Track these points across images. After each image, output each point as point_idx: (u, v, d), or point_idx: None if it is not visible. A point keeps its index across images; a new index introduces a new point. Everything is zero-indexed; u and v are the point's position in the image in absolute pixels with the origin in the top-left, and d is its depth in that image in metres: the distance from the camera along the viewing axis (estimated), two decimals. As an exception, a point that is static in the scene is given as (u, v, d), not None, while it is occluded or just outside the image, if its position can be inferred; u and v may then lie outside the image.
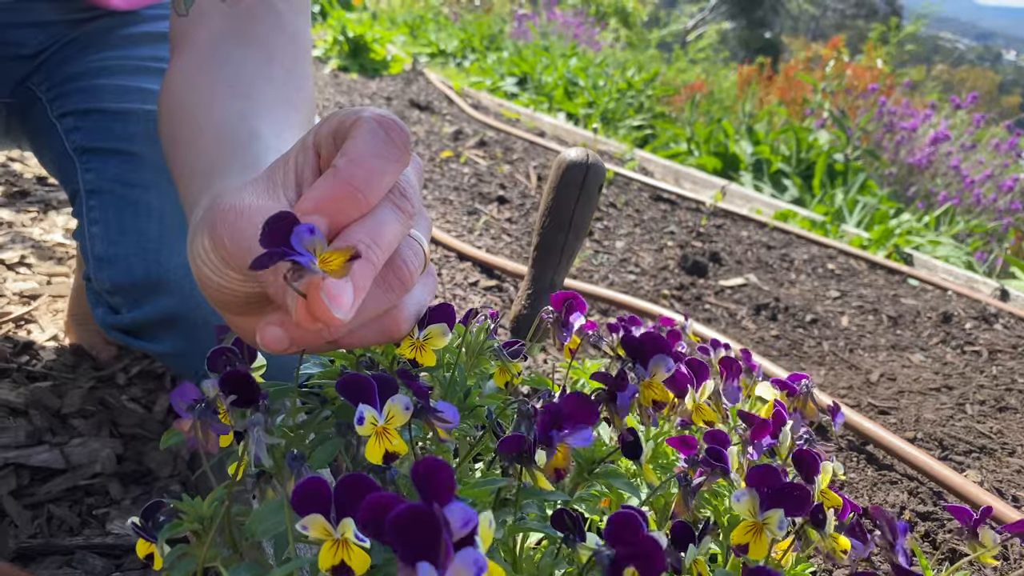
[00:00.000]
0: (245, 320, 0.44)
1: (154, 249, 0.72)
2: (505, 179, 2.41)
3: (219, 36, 0.67)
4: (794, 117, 4.95)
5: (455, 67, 7.36)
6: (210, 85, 0.62)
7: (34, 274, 1.52)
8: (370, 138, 0.39)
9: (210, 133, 0.57)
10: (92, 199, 0.78)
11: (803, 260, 2.08)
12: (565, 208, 0.79)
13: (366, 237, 0.37)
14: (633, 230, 2.10)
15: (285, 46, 0.67)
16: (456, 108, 3.71)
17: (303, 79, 0.67)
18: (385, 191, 0.39)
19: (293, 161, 0.43)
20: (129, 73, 0.89)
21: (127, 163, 0.78)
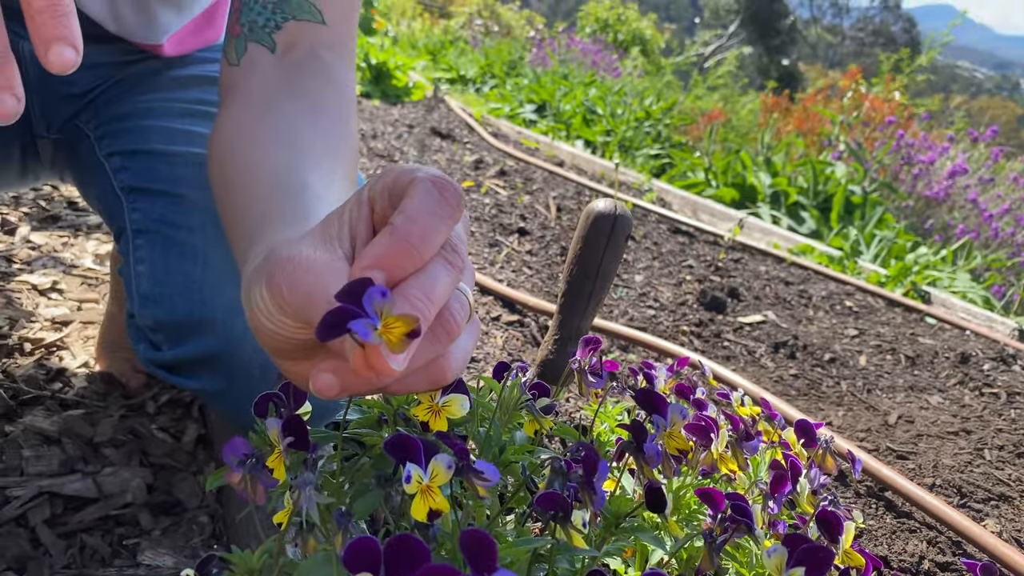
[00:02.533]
0: (296, 365, 0.46)
1: (198, 289, 0.75)
2: (525, 210, 2.43)
3: (269, 87, 0.70)
4: (812, 148, 4.96)
5: (474, 92, 7.43)
6: (261, 135, 0.65)
7: (65, 300, 1.56)
8: (426, 197, 0.41)
9: (262, 182, 0.60)
10: (139, 238, 0.81)
11: (821, 297, 2.09)
12: (593, 257, 0.81)
13: (420, 292, 0.40)
14: (652, 263, 2.12)
15: (332, 98, 0.70)
16: (476, 136, 3.75)
17: (349, 129, 0.70)
18: (438, 247, 0.41)
19: (347, 215, 0.45)
20: (176, 116, 0.92)
21: (173, 204, 0.81)
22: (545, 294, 1.68)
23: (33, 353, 1.33)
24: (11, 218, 1.84)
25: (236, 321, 0.74)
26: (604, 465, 0.46)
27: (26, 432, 1.09)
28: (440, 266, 0.41)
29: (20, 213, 1.90)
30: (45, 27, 0.40)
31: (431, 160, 3.05)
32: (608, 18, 11.64)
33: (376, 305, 0.37)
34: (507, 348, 1.32)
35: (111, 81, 0.97)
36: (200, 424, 1.20)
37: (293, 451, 0.50)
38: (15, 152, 1.00)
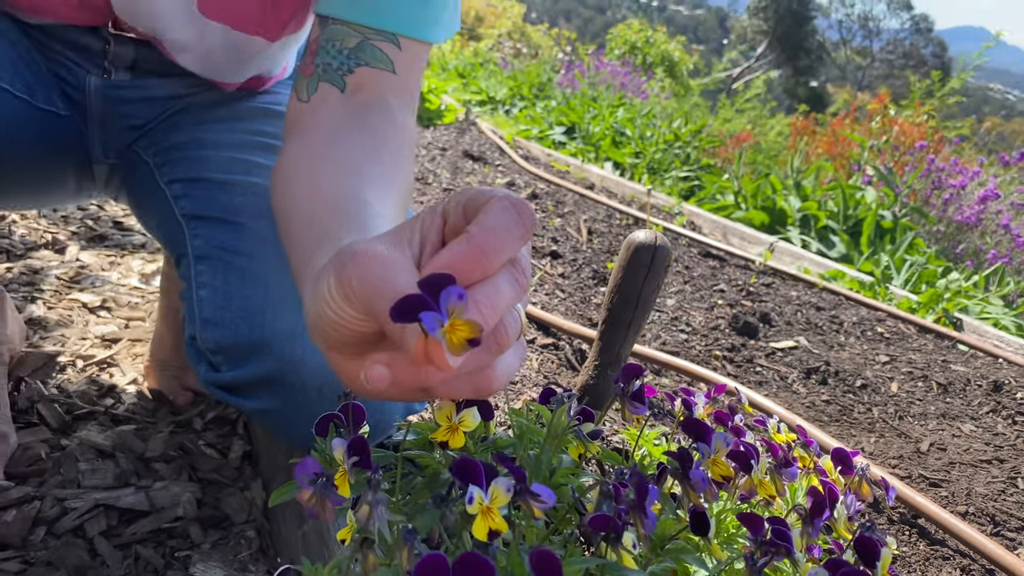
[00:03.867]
0: (348, 361, 0.49)
1: (258, 314, 0.78)
2: (557, 233, 2.47)
3: (336, 121, 0.74)
4: (841, 172, 4.96)
5: (504, 114, 7.50)
6: (325, 163, 0.69)
7: (113, 318, 1.61)
8: (502, 213, 0.44)
9: (325, 203, 0.64)
10: (200, 264, 0.85)
11: (852, 323, 2.10)
12: (633, 286, 0.84)
13: (485, 299, 0.42)
14: (683, 287, 2.14)
15: (393, 136, 0.74)
16: (508, 159, 3.80)
17: (406, 165, 0.74)
18: (506, 261, 0.44)
19: (420, 223, 0.49)
20: (236, 147, 0.96)
21: (233, 232, 0.85)
22: (578, 317, 1.70)
23: (85, 370, 1.37)
24: (60, 237, 1.91)
25: (294, 344, 0.77)
26: (654, 490, 0.48)
27: (82, 446, 1.13)
28: (506, 280, 0.44)
29: (69, 232, 1.96)
30: None
31: (463, 182, 3.09)
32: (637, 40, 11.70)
33: (450, 304, 0.39)
34: (543, 371, 1.35)
35: (171, 111, 1.01)
36: (245, 441, 1.23)
37: (357, 470, 0.53)
38: (70, 173, 1.04)
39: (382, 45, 0.77)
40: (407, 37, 0.78)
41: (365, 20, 0.76)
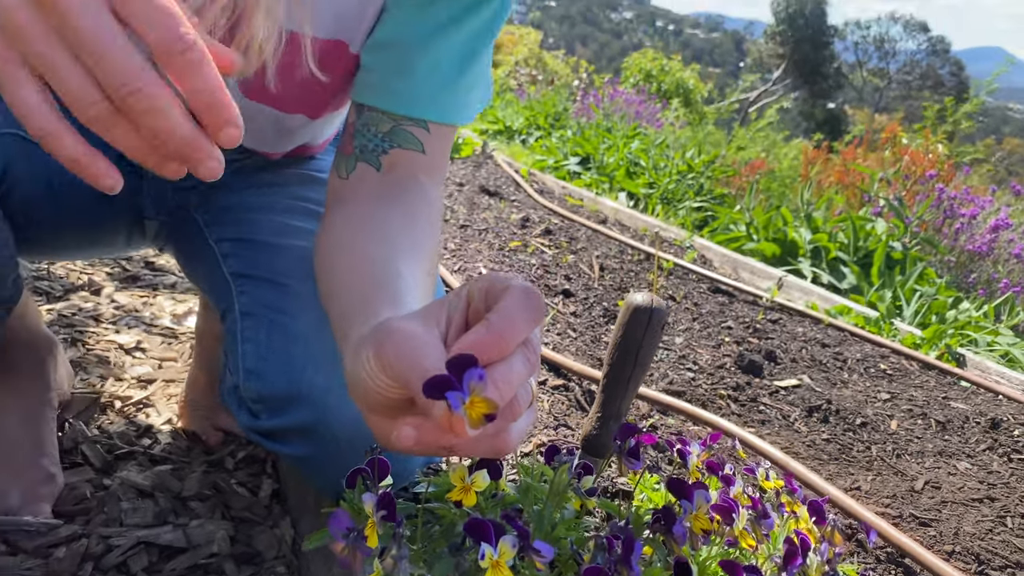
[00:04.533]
0: (382, 420, 0.55)
1: (299, 368, 0.86)
2: (570, 270, 2.55)
3: (372, 198, 0.83)
4: (853, 201, 5.02)
5: (520, 143, 7.62)
6: (364, 237, 0.78)
7: (148, 358, 1.70)
8: (517, 302, 0.51)
9: (363, 273, 0.72)
10: (246, 320, 0.93)
11: (856, 359, 2.16)
12: (632, 344, 0.92)
13: (501, 377, 0.50)
14: (692, 325, 2.22)
15: (423, 210, 0.83)
16: (523, 193, 3.89)
17: (435, 235, 0.83)
18: (520, 342, 0.52)
19: (448, 304, 0.57)
20: (282, 211, 1.05)
21: (278, 292, 0.93)
22: (588, 357, 1.78)
23: (124, 410, 1.46)
24: (96, 278, 2.01)
25: (329, 399, 0.85)
26: (639, 545, 0.56)
27: (123, 485, 1.22)
28: (520, 359, 0.52)
29: (104, 273, 2.06)
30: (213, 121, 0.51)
31: (480, 218, 3.18)
32: (652, 69, 11.83)
33: (472, 384, 0.48)
34: (553, 412, 1.43)
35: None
36: (274, 479, 1.32)
37: (384, 523, 0.61)
38: (122, 228, 1.14)
39: (413, 129, 0.85)
40: (435, 123, 0.86)
41: (397, 109, 0.85)
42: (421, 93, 0.85)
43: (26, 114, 0.49)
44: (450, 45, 0.84)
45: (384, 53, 0.85)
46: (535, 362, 0.54)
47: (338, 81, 0.92)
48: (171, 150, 0.51)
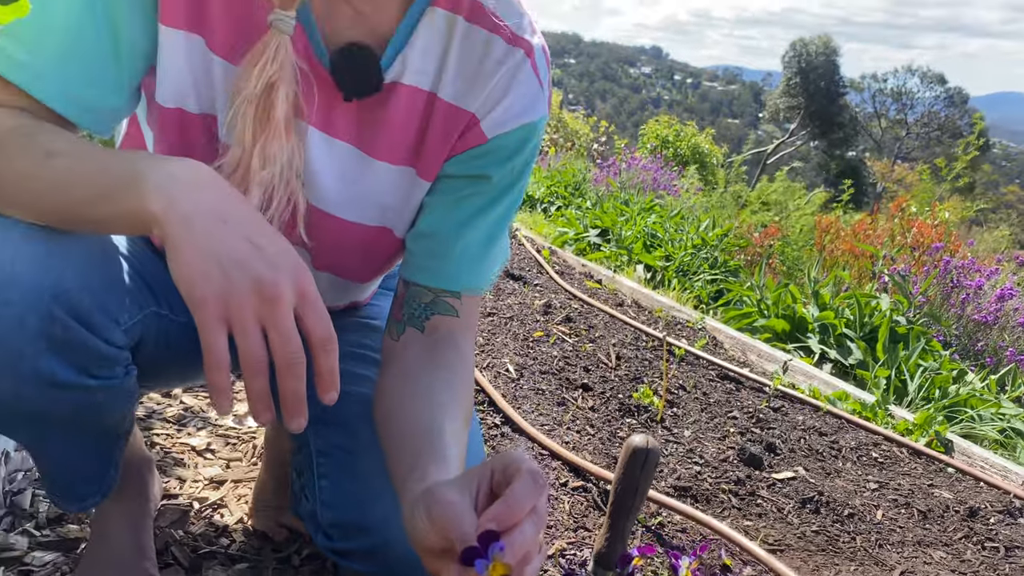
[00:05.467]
0: (433, 560, 0.75)
1: (366, 503, 1.10)
2: (589, 360, 2.78)
3: (419, 357, 1.04)
4: (863, 272, 5.24)
5: (542, 212, 7.92)
6: (414, 402, 1.00)
7: (217, 459, 1.95)
8: (526, 484, 0.72)
9: (414, 433, 0.94)
10: (321, 458, 1.17)
11: (850, 447, 2.37)
12: (632, 479, 1.15)
13: (515, 541, 0.72)
14: (700, 416, 2.44)
15: (460, 365, 1.05)
16: (545, 275, 4.15)
17: (469, 384, 1.05)
18: (530, 510, 0.73)
19: (477, 475, 0.79)
20: (344, 358, 1.29)
21: (347, 435, 1.15)
22: (604, 456, 2.01)
23: (202, 511, 1.71)
24: (167, 383, 2.26)
25: (390, 527, 1.09)
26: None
27: (212, 584, 1.45)
28: (530, 524, 0.73)
29: (173, 377, 2.32)
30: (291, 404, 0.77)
31: (505, 304, 3.43)
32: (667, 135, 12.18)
33: (494, 553, 0.71)
34: (573, 513, 1.66)
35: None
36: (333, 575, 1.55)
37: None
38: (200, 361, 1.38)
39: (449, 300, 1.10)
40: (467, 293, 1.11)
41: (435, 284, 1.09)
42: (454, 271, 1.07)
43: (214, 364, 0.74)
44: (477, 232, 1.07)
45: (423, 240, 1.07)
46: (542, 525, 0.76)
47: (385, 257, 1.17)
48: (287, 403, 0.76)
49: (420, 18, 0.92)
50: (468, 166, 0.99)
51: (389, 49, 0.92)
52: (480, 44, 0.93)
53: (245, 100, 0.83)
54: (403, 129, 0.96)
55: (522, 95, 0.95)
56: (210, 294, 0.71)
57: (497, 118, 0.95)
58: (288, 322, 0.72)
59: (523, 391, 2.40)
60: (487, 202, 1.03)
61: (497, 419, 2.15)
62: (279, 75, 0.83)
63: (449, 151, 0.99)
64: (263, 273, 0.72)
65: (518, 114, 0.96)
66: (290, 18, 0.83)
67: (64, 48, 0.83)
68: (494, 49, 0.93)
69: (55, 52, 0.83)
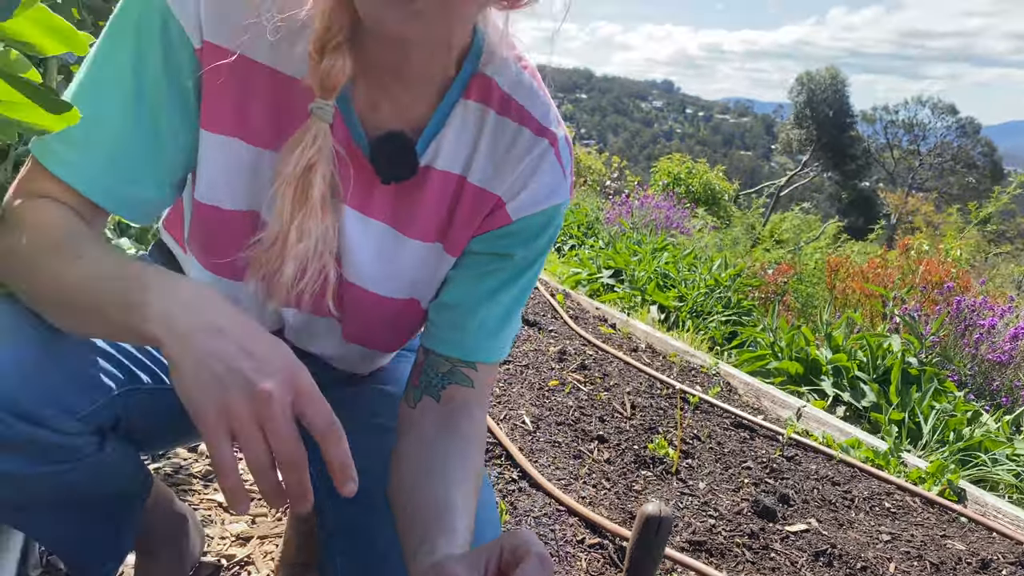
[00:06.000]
0: None
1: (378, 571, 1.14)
2: (604, 409, 2.83)
3: (434, 426, 1.08)
4: (876, 313, 5.27)
5: (555, 252, 8.00)
6: (428, 470, 1.04)
7: (242, 515, 2.00)
8: (534, 567, 0.77)
9: (427, 506, 0.99)
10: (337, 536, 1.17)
11: (863, 497, 2.41)
12: (646, 545, 1.21)
13: None
14: (714, 467, 2.48)
15: (470, 428, 1.08)
16: (559, 321, 4.22)
17: (481, 449, 1.09)
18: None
19: (487, 553, 0.85)
20: (360, 431, 1.31)
21: (364, 511, 1.20)
22: (620, 511, 2.06)
23: (230, 568, 1.76)
24: (194, 438, 2.32)
25: None
26: None
27: (246, 645, 1.51)
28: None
29: (199, 433, 2.38)
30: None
31: (520, 352, 3.49)
32: (679, 172, 12.29)
33: None
34: (590, 571, 1.70)
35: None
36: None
37: None
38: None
39: (465, 370, 1.15)
40: (483, 364, 1.16)
41: (452, 354, 1.15)
42: (472, 343, 1.11)
43: (222, 471, 0.79)
44: (498, 306, 1.11)
45: (445, 312, 1.12)
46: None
47: (412, 327, 1.20)
48: (291, 493, 0.81)
49: (453, 108, 0.97)
50: (493, 244, 1.04)
51: (424, 136, 0.97)
52: (509, 135, 0.99)
53: (285, 181, 0.88)
54: (434, 209, 1.01)
55: (546, 183, 1.00)
56: (209, 404, 0.74)
57: (522, 202, 1.00)
58: (280, 422, 0.75)
59: (539, 444, 2.45)
60: (508, 278, 1.08)
61: (515, 473, 2.21)
62: (317, 157, 0.88)
63: (475, 230, 1.03)
64: (253, 377, 0.75)
65: (542, 199, 1.01)
66: (329, 106, 0.87)
67: (111, 151, 0.91)
68: (521, 139, 0.99)
69: (102, 155, 0.90)
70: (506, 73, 0.97)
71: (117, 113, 0.90)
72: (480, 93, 0.97)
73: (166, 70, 0.89)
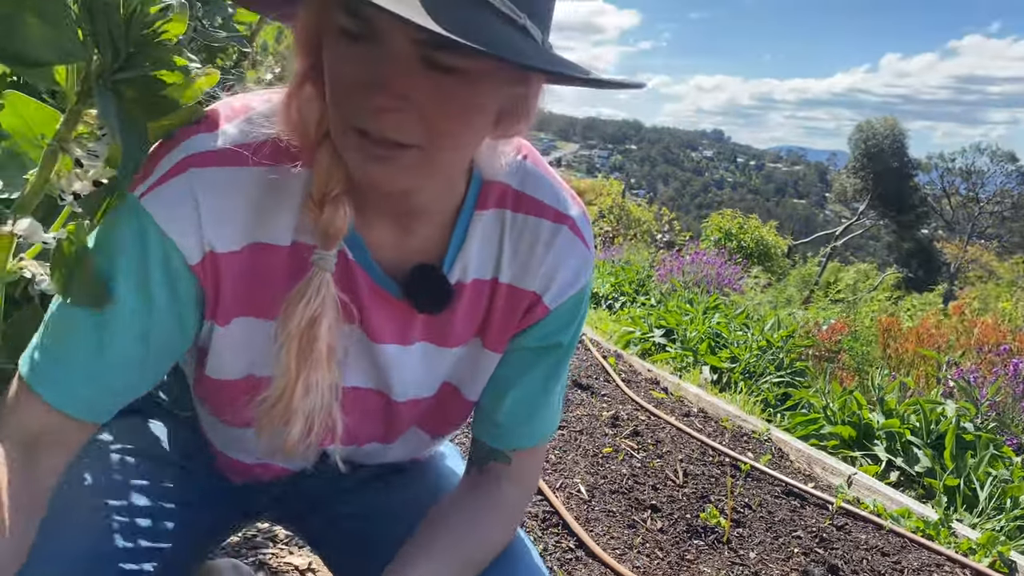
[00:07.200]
0: None
1: None
2: (656, 477, 2.94)
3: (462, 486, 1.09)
4: (930, 375, 5.26)
5: (607, 309, 8.13)
6: (428, 518, 1.04)
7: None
8: None
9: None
10: None
11: (913, 568, 2.46)
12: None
13: None
14: (765, 536, 2.56)
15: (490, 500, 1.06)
16: (612, 384, 4.33)
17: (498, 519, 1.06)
18: None
19: None
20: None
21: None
22: (673, 581, 2.16)
23: (310, 633, 1.90)
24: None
25: None
26: None
27: None
28: None
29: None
30: None
31: (574, 416, 3.61)
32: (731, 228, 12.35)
33: None
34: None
35: (343, 487, 1.24)
36: None
37: None
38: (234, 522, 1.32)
39: (508, 452, 1.12)
40: (522, 450, 1.13)
41: (496, 445, 1.12)
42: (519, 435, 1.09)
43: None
44: (549, 395, 1.10)
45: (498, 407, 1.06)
46: None
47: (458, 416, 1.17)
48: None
49: (470, 223, 0.96)
50: (540, 338, 1.03)
51: (448, 257, 0.96)
52: (529, 231, 0.98)
53: (289, 335, 0.85)
54: (470, 317, 1.01)
55: (573, 265, 1.00)
56: None
57: (557, 291, 1.00)
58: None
59: (594, 512, 2.57)
60: (556, 363, 1.06)
61: (571, 542, 2.32)
62: (321, 309, 0.85)
63: (516, 326, 1.03)
64: None
65: (573, 282, 1.01)
66: (332, 256, 0.86)
67: (98, 372, 0.86)
68: (542, 233, 0.98)
69: (86, 375, 0.85)
70: (511, 171, 0.96)
71: (120, 342, 0.86)
72: (493, 200, 0.97)
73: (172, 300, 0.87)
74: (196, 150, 0.85)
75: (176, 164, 0.84)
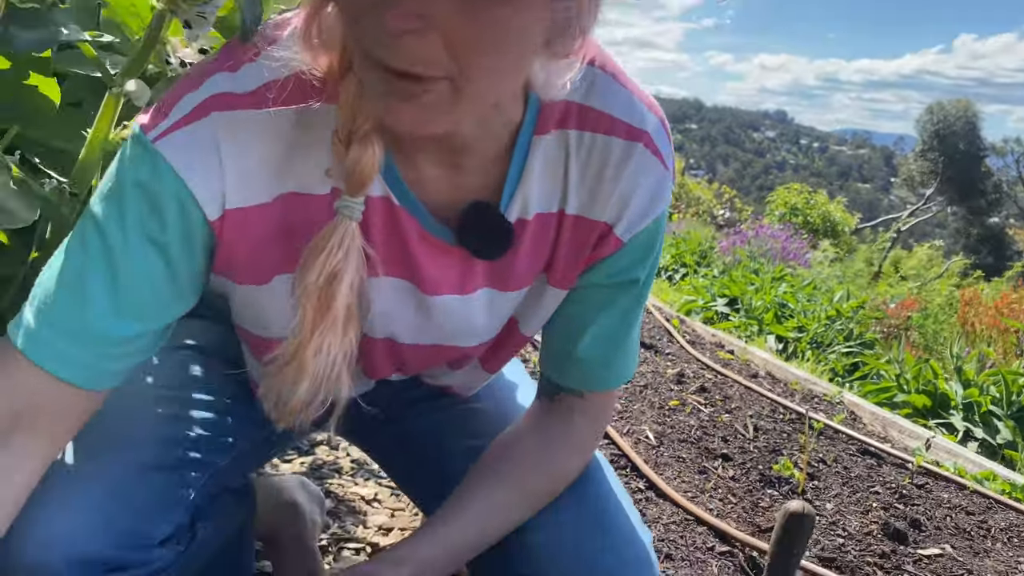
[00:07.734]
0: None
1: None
2: (726, 430, 2.85)
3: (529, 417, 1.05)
4: (1010, 349, 5.06)
5: (667, 280, 8.00)
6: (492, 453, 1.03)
7: (383, 508, 2.12)
8: None
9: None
10: None
11: (1000, 528, 2.34)
12: (788, 543, 1.25)
13: None
14: (841, 490, 2.47)
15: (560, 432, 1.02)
16: (676, 344, 4.24)
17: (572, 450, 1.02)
18: None
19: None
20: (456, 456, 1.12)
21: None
22: (748, 524, 2.08)
23: (374, 555, 1.88)
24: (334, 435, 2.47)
25: None
26: None
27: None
28: None
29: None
30: None
31: (638, 372, 3.54)
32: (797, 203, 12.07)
33: None
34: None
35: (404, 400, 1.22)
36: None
37: None
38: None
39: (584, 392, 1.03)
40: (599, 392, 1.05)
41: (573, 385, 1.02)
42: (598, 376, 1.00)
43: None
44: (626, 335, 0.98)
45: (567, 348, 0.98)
46: None
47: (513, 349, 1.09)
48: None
49: (528, 150, 0.83)
50: (613, 273, 0.93)
51: (505, 193, 0.85)
52: (598, 152, 0.85)
53: (306, 290, 0.76)
54: (536, 255, 0.91)
55: (649, 189, 0.87)
56: None
57: (631, 221, 0.88)
58: None
59: (664, 458, 2.50)
60: (633, 301, 0.96)
61: (641, 483, 2.26)
62: (344, 264, 0.76)
63: (586, 261, 0.91)
64: None
65: (647, 211, 0.88)
66: (359, 204, 0.76)
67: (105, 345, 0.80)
68: (613, 153, 0.85)
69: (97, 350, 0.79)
70: (575, 84, 0.78)
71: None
72: (554, 121, 0.83)
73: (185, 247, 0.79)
74: (218, 90, 0.76)
75: (197, 107, 0.75)
